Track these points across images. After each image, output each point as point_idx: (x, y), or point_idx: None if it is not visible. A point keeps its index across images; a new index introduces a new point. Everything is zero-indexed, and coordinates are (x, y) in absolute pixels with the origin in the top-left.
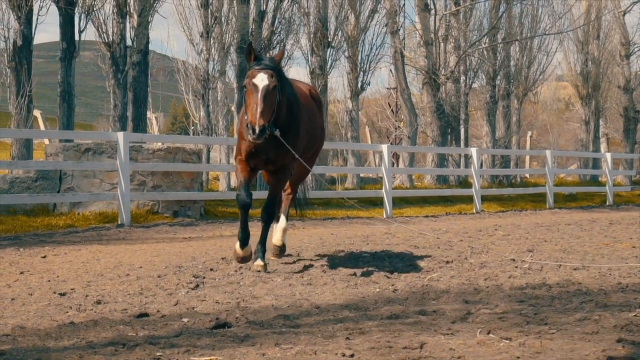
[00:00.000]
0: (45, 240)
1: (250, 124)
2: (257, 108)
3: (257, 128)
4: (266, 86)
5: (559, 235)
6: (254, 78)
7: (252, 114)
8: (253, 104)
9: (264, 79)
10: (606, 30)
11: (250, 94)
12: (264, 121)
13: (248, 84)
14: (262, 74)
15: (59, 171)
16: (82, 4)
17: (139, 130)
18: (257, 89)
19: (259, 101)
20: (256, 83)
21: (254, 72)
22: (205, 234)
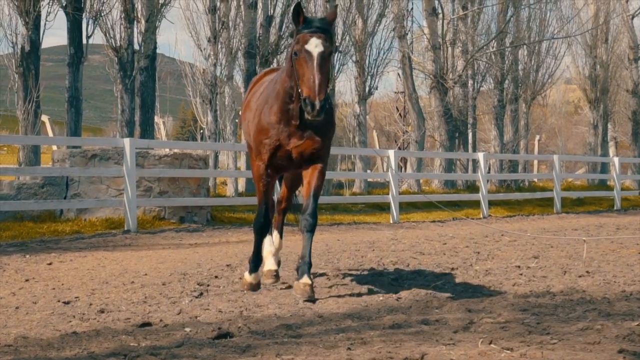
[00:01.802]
0: (51, 246)
1: (309, 98)
2: (315, 79)
3: (317, 103)
4: (322, 53)
5: (566, 241)
6: (307, 44)
7: (309, 87)
8: (309, 74)
9: (319, 44)
10: (614, 34)
11: (304, 62)
12: (324, 94)
13: (300, 51)
14: (316, 39)
15: (65, 177)
16: (90, 9)
17: (147, 135)
18: (311, 56)
19: (316, 71)
20: (310, 50)
21: (305, 36)
22: (212, 240)
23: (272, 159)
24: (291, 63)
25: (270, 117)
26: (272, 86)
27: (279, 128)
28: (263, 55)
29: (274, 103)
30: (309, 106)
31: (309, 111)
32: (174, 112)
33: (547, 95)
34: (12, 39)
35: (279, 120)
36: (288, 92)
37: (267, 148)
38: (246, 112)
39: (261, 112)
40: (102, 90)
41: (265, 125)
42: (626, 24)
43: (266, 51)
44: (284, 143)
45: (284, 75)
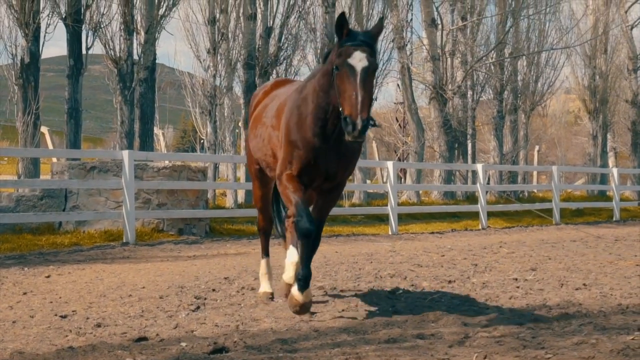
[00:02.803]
0: (50, 259)
1: (350, 117)
2: (358, 96)
3: (359, 122)
4: (366, 68)
5: (564, 253)
6: (350, 58)
7: (350, 105)
8: (351, 91)
9: (363, 59)
10: (614, 45)
11: (346, 78)
12: (367, 113)
13: (341, 65)
14: (360, 53)
15: (64, 189)
16: (90, 21)
17: (146, 147)
18: (354, 72)
19: (359, 87)
20: (353, 64)
21: (348, 49)
22: (210, 252)
23: (302, 173)
24: (330, 77)
25: (302, 132)
26: (298, 99)
27: (313, 145)
28: (262, 66)
29: (305, 118)
30: (350, 126)
31: (349, 131)
32: (174, 122)
33: (547, 106)
34: (12, 51)
35: (312, 136)
36: (323, 107)
37: (299, 160)
38: (257, 128)
39: (289, 127)
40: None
41: (297, 140)
42: (625, 35)
43: (265, 62)
44: (319, 162)
45: (317, 90)
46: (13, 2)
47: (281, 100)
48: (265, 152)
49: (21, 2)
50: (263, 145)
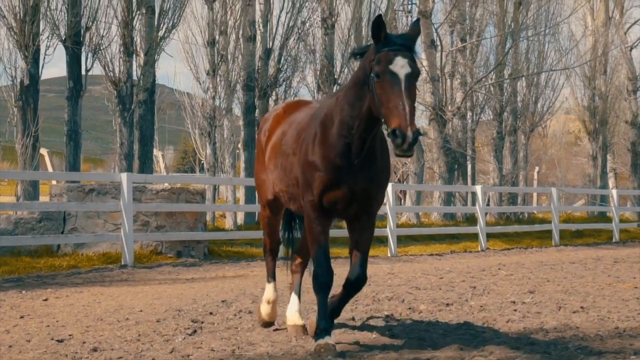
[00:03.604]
0: (47, 282)
1: (399, 129)
2: (406, 106)
3: (410, 134)
4: (409, 74)
5: (562, 275)
6: (392, 64)
7: (398, 115)
8: (396, 100)
9: (405, 65)
10: (613, 66)
11: (388, 86)
12: (415, 125)
13: (382, 72)
14: (402, 59)
15: (63, 211)
16: (89, 43)
17: (146, 168)
18: (398, 79)
19: (405, 96)
20: (396, 71)
21: (388, 55)
22: (208, 274)
23: (325, 198)
24: (360, 88)
25: (324, 152)
26: (318, 118)
27: (337, 164)
28: (262, 87)
29: (327, 137)
30: (400, 138)
31: (398, 144)
32: (175, 142)
33: (547, 126)
34: (12, 73)
35: (335, 155)
36: (348, 123)
37: (319, 183)
38: (276, 158)
39: (308, 147)
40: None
41: (318, 161)
42: (625, 56)
43: (265, 84)
44: (342, 184)
45: (342, 104)
46: (13, 25)
47: (302, 125)
48: (288, 183)
49: (21, 24)
50: (285, 175)
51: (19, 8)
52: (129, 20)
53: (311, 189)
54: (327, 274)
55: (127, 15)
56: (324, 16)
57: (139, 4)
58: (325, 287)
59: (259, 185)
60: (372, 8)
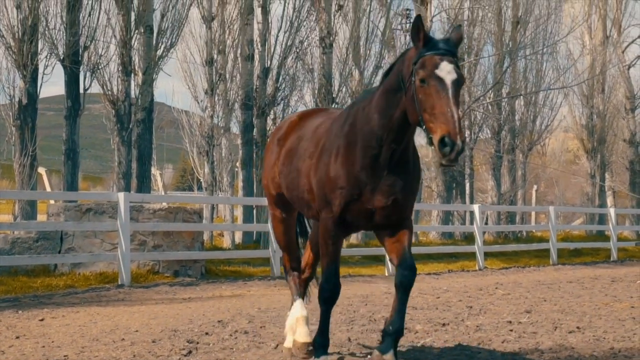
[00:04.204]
0: (44, 301)
1: (448, 136)
2: (454, 113)
3: (459, 142)
4: (456, 81)
5: (559, 294)
6: (438, 69)
7: (446, 123)
8: (444, 107)
9: (452, 71)
10: (611, 84)
11: (435, 92)
12: (464, 133)
13: (428, 77)
14: (448, 64)
15: (60, 231)
16: (88, 62)
17: (143, 187)
18: (445, 85)
19: (453, 103)
20: (442, 77)
21: (434, 59)
22: (205, 294)
23: (346, 214)
24: (395, 94)
25: (347, 165)
26: (340, 128)
27: (360, 178)
28: (260, 106)
29: (351, 149)
30: (448, 147)
31: (446, 153)
32: (174, 160)
33: (545, 144)
34: (10, 92)
35: (359, 168)
36: (376, 134)
37: (341, 199)
38: (292, 162)
39: (327, 163)
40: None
41: (340, 174)
42: (622, 74)
43: (263, 103)
44: (366, 199)
45: (370, 112)
46: (11, 44)
47: (321, 130)
48: (303, 189)
49: (19, 43)
50: (300, 179)
51: (18, 27)
52: (128, 39)
53: (331, 205)
54: (335, 289)
55: (126, 34)
56: (322, 35)
57: (137, 23)
58: (330, 301)
59: (267, 192)
60: (370, 27)
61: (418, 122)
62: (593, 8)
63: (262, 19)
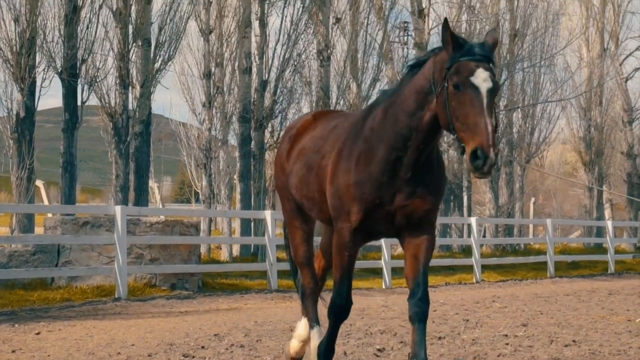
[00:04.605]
0: (41, 315)
1: (482, 149)
2: (488, 124)
3: (492, 155)
4: (491, 89)
5: (556, 308)
6: (473, 76)
7: (480, 134)
8: (477, 117)
9: (488, 78)
10: (609, 97)
11: (468, 100)
12: (496, 145)
13: (463, 84)
14: (484, 71)
15: (57, 244)
16: (85, 75)
17: (141, 200)
18: (479, 94)
19: (487, 113)
20: (478, 84)
21: (469, 65)
22: (202, 307)
23: (366, 222)
24: (425, 97)
25: (369, 168)
26: (361, 127)
27: (382, 181)
28: (257, 119)
29: (373, 150)
30: (481, 160)
31: (478, 166)
32: (172, 172)
33: (544, 157)
34: (7, 105)
35: (382, 171)
36: (404, 135)
37: (361, 206)
38: (303, 160)
39: (344, 169)
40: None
41: (362, 178)
42: (620, 87)
43: (260, 115)
44: (387, 201)
45: (397, 112)
46: (9, 57)
47: (339, 131)
48: (313, 188)
49: (17, 57)
50: (311, 178)
51: (16, 41)
52: (125, 52)
53: (349, 214)
54: (347, 304)
55: (123, 47)
56: (319, 48)
57: (135, 36)
58: (341, 317)
59: (281, 196)
60: (367, 40)
61: (449, 128)
62: (590, 21)
63: (260, 32)
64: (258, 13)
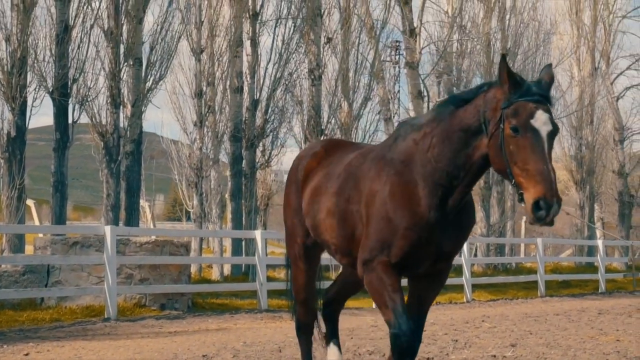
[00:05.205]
0: (30, 335)
1: (545, 199)
2: (551, 172)
3: (555, 206)
4: (551, 133)
5: (546, 327)
6: (534, 119)
7: (542, 183)
8: (540, 164)
9: (548, 122)
10: (600, 116)
11: (529, 145)
12: (559, 193)
13: (523, 127)
14: (544, 113)
15: (47, 264)
16: (76, 95)
17: (132, 220)
18: (540, 138)
19: (548, 160)
20: (538, 128)
21: (529, 107)
22: (191, 327)
23: (406, 259)
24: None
25: (411, 204)
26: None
27: (430, 219)
28: (249, 138)
29: (414, 186)
30: (544, 211)
31: (541, 217)
32: (165, 190)
33: None
34: None
35: (428, 207)
36: (449, 172)
37: (405, 242)
38: (320, 202)
39: (381, 203)
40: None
41: (403, 214)
42: (611, 106)
43: (252, 135)
44: (434, 241)
45: (443, 150)
46: (0, 76)
47: (360, 171)
48: (338, 233)
49: (8, 76)
50: (335, 222)
51: (7, 60)
52: (117, 71)
53: (388, 248)
54: (413, 337)
55: (115, 66)
56: (311, 67)
57: (126, 55)
58: (409, 352)
59: (288, 235)
60: (358, 59)
61: (504, 172)
62: (582, 40)
63: (252, 51)
64: (249, 32)
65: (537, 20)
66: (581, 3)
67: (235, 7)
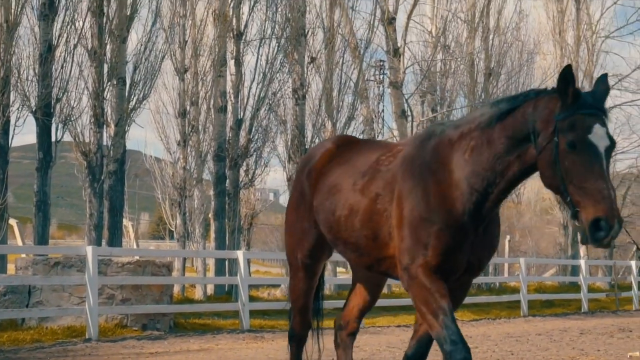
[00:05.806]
0: (10, 356)
1: (606, 220)
2: (610, 190)
3: (616, 227)
4: (610, 148)
5: (527, 348)
6: (591, 133)
7: (602, 201)
8: (599, 182)
9: (605, 136)
10: None
11: (585, 160)
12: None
13: (579, 142)
14: (601, 127)
15: (28, 285)
16: (60, 114)
17: (115, 239)
18: (598, 154)
19: (607, 177)
20: (596, 143)
21: (585, 121)
22: (173, 348)
23: (443, 260)
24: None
25: (447, 205)
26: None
27: (464, 224)
28: (232, 158)
29: (442, 186)
30: (604, 231)
31: (600, 237)
32: (150, 208)
33: (520, 194)
34: None
35: (463, 211)
36: (486, 177)
37: (439, 242)
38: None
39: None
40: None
41: (438, 214)
42: None
43: (235, 154)
44: (467, 250)
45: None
46: None
47: (383, 166)
48: (359, 233)
49: None
50: (357, 221)
51: None
52: (100, 91)
53: (424, 249)
54: (467, 351)
55: (98, 86)
56: (294, 87)
57: (110, 75)
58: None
59: (288, 241)
60: (342, 79)
61: (557, 188)
62: (565, 60)
63: (236, 70)
64: (234, 52)
65: (520, 40)
66: (564, 23)
67: (219, 27)
